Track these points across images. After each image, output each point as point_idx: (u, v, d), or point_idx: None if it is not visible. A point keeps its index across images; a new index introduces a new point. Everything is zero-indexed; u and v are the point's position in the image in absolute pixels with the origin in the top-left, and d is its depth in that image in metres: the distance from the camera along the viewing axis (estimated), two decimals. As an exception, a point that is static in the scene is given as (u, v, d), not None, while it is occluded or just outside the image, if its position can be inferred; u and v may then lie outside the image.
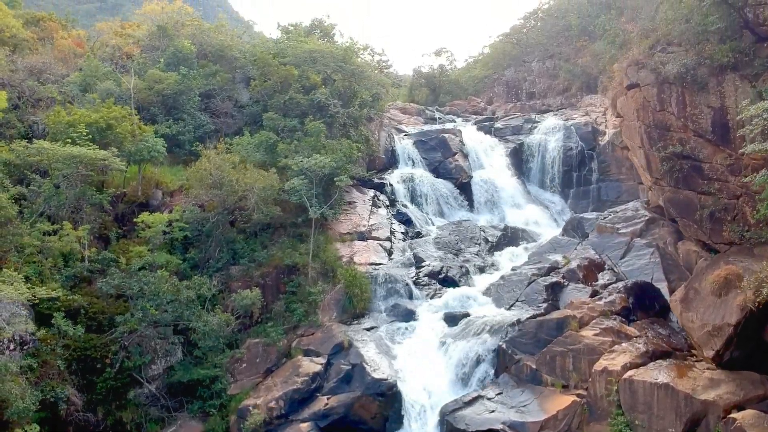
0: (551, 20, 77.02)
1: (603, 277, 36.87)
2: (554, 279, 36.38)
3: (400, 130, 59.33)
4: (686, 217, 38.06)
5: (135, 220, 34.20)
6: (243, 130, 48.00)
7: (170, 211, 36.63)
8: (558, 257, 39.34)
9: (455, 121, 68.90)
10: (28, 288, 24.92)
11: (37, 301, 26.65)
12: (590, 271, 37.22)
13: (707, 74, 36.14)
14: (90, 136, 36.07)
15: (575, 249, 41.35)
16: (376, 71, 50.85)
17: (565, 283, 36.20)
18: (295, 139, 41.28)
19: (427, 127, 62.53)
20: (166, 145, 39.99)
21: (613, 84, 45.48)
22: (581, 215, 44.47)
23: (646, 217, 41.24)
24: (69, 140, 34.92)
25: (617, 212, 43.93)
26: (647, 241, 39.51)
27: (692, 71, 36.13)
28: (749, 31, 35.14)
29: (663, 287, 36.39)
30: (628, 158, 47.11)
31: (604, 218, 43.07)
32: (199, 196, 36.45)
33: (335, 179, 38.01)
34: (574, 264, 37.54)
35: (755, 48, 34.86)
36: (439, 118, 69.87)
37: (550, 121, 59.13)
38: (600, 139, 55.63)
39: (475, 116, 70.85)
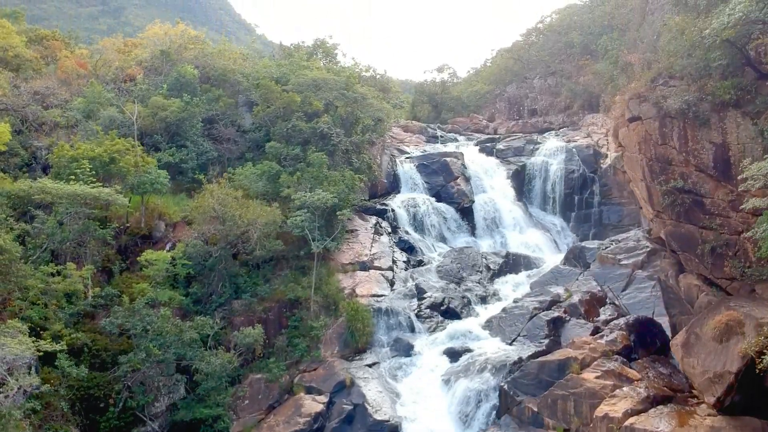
0: (553, 36, 77.15)
1: (605, 312, 36.96)
2: (556, 314, 36.47)
3: (402, 151, 59.48)
4: (688, 251, 38.19)
5: (138, 259, 34.30)
6: (246, 155, 48.29)
7: (173, 245, 36.78)
8: (560, 290, 39.43)
9: (457, 140, 69.14)
10: (33, 342, 25.02)
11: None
12: (592, 305, 37.30)
13: (709, 110, 36.28)
14: (93, 171, 36.21)
15: (577, 279, 41.46)
16: (378, 98, 50.63)
17: (567, 318, 36.30)
18: (297, 170, 41.39)
19: (429, 147, 62.78)
20: (168, 176, 40.10)
21: (615, 113, 45.58)
22: (583, 244, 44.53)
23: (648, 249, 41.32)
24: (72, 176, 35.05)
25: (619, 241, 44.03)
26: (649, 274, 39.59)
27: (694, 107, 36.27)
28: (751, 68, 35.24)
29: (664, 322, 36.49)
30: (629, 182, 47.24)
31: (606, 248, 43.16)
32: (202, 231, 36.50)
33: (338, 213, 38.12)
34: (575, 298, 37.62)
35: (757, 85, 34.95)
36: (441, 137, 70.08)
37: (552, 142, 59.23)
38: (602, 162, 55.71)
39: (477, 134, 71.13)
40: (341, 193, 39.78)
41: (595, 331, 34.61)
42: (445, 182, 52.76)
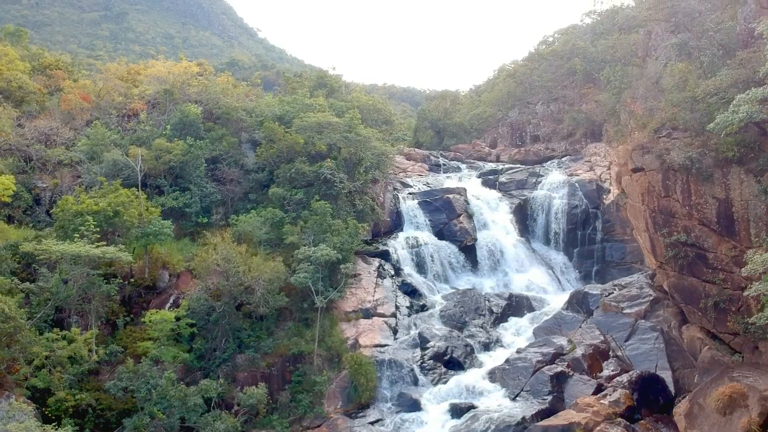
0: (556, 61, 77.06)
1: (608, 367, 37.02)
2: (559, 368, 36.50)
3: (404, 184, 59.52)
4: (691, 304, 38.25)
5: (143, 320, 34.39)
6: (249, 195, 48.40)
7: (177, 302, 36.92)
8: (563, 340, 39.45)
9: (460, 169, 69.24)
10: (39, 427, 25.14)
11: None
12: (595, 359, 37.34)
13: (712, 165, 36.32)
14: (97, 226, 36.30)
15: (580, 327, 41.52)
16: (380, 138, 50.72)
17: (570, 373, 36.32)
18: (301, 218, 41.48)
19: (432, 179, 62.83)
20: (172, 224, 40.18)
21: (618, 160, 45.60)
22: (586, 290, 44.52)
23: (651, 297, 41.36)
24: (77, 233, 35.16)
25: (622, 287, 44.09)
26: (652, 324, 39.63)
27: (697, 164, 36.30)
28: (755, 125, 35.22)
29: (667, 376, 36.52)
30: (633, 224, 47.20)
31: (609, 294, 43.20)
32: (206, 284, 36.61)
33: (341, 266, 38.22)
34: (579, 352, 37.66)
35: (761, 143, 34.96)
36: (444, 165, 70.20)
37: (555, 176, 59.25)
38: (605, 197, 55.68)
39: (479, 162, 71.17)
40: (345, 243, 39.84)
41: (599, 389, 34.66)
42: (447, 220, 52.80)
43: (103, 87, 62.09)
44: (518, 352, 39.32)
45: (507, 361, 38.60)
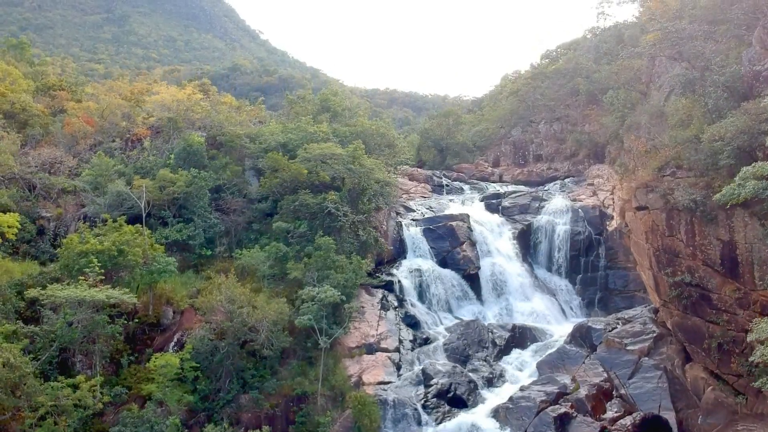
0: (559, 80, 76.99)
1: (611, 408, 36.99)
2: (563, 409, 36.47)
3: (407, 209, 59.60)
4: (694, 344, 38.24)
5: (148, 365, 34.47)
6: (253, 225, 48.49)
7: (181, 344, 37.01)
8: (566, 378, 39.45)
9: (462, 189, 69.40)
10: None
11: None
12: (599, 400, 37.32)
13: (716, 207, 36.20)
14: (102, 266, 36.37)
15: (583, 363, 41.49)
16: (382, 170, 50.82)
17: (574, 415, 36.30)
18: (305, 254, 41.55)
19: (434, 202, 63.00)
20: (176, 263, 40.25)
21: (621, 194, 45.61)
22: (589, 324, 44.44)
23: (654, 334, 41.32)
24: (81, 276, 35.25)
25: (626, 320, 44.07)
26: (655, 362, 39.60)
27: (701, 206, 36.29)
28: (759, 167, 35.22)
29: (671, 417, 36.50)
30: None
31: (612, 329, 43.18)
32: (210, 323, 36.70)
33: (345, 306, 38.29)
34: (582, 392, 37.64)
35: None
36: (447, 185, 70.31)
37: (558, 201, 59.25)
38: (608, 224, 55.67)
39: (482, 182, 71.28)
40: (348, 280, 39.93)
41: (602, 432, 34.66)
42: (451, 248, 52.82)
43: (106, 107, 62.24)
44: (522, 389, 39.30)
45: (510, 399, 38.58)
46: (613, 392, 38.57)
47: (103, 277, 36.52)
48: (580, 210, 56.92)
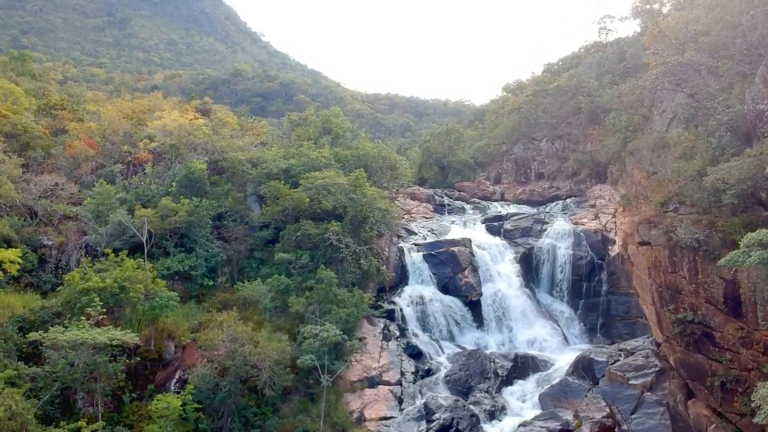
0: (561, 97, 76.93)
1: (614, 447, 36.95)
2: (565, 448, 36.47)
3: (409, 231, 59.59)
4: (697, 381, 38.13)
5: (149, 408, 34.43)
6: (254, 253, 48.46)
7: (182, 380, 36.93)
8: (569, 414, 39.37)
9: (464, 209, 69.38)
10: None
11: None
12: (601, 438, 37.29)
13: (719, 245, 36.17)
14: (104, 304, 36.35)
15: (586, 397, 41.43)
16: (384, 198, 50.81)
17: (576, 453, 36.30)
18: (307, 287, 41.55)
19: (436, 224, 62.95)
20: (178, 297, 40.21)
21: (624, 228, 45.52)
22: (591, 356, 44.35)
23: (657, 368, 41.23)
24: (83, 316, 35.24)
25: (628, 352, 44.06)
26: (658, 398, 39.51)
27: (704, 245, 36.20)
28: (762, 207, 35.18)
29: (673, 456, 36.49)
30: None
31: (615, 362, 43.12)
32: (212, 362, 36.66)
33: (347, 343, 38.27)
34: (585, 430, 37.56)
35: (767, 224, 34.85)
36: (448, 205, 70.25)
37: (560, 224, 59.13)
38: (610, 249, 55.59)
39: (484, 202, 71.19)
40: (351, 314, 39.91)
41: (605, 474, 34.59)
42: (452, 274, 52.75)
43: (108, 126, 62.19)
44: (524, 425, 39.25)
45: (512, 435, 38.60)
46: (616, 429, 38.50)
47: (105, 315, 36.51)
48: (582, 234, 56.79)
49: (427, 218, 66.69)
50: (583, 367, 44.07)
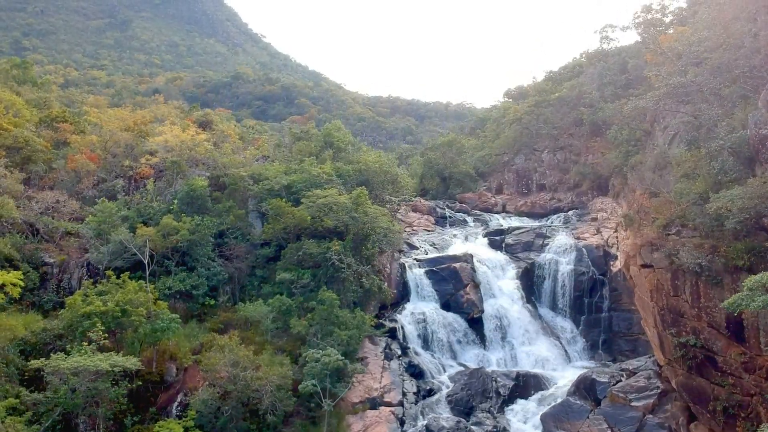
0: (563, 108, 76.85)
1: (616, 472, 36.89)
2: (567, 473, 36.43)
3: (410, 245, 59.56)
4: (699, 404, 38.03)
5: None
6: (256, 272, 48.44)
7: (184, 404, 36.92)
8: (571, 438, 39.38)
9: (466, 222, 69.34)
10: None
11: None
12: (603, 463, 37.23)
13: (722, 270, 36.10)
14: (105, 328, 36.37)
15: (587, 418, 41.37)
16: (387, 216, 50.78)
17: (578, 478, 36.26)
18: (308, 308, 41.53)
19: (437, 237, 62.97)
20: (179, 317, 40.19)
21: (626, 249, 45.42)
22: (593, 376, 44.20)
23: (659, 390, 41.15)
24: (85, 341, 35.25)
25: (630, 373, 43.95)
26: (660, 421, 39.45)
27: (707, 270, 36.13)
28: (765, 232, 35.07)
29: (676, 480, 36.45)
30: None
31: (617, 383, 43.05)
32: (213, 388, 36.65)
33: (349, 367, 38.24)
34: (587, 456, 37.57)
35: (772, 251, 34.79)
36: (450, 217, 70.19)
37: (562, 239, 59.08)
38: (612, 264, 55.53)
39: (486, 214, 71.13)
40: (352, 336, 39.88)
41: (607, 501, 34.54)
42: (454, 290, 52.70)
43: (110, 139, 62.19)
44: (525, 448, 39.28)
45: (514, 459, 38.56)
46: (618, 455, 38.47)
47: (107, 337, 36.53)
48: (584, 249, 56.74)
49: (429, 231, 66.67)
50: (585, 388, 43.99)
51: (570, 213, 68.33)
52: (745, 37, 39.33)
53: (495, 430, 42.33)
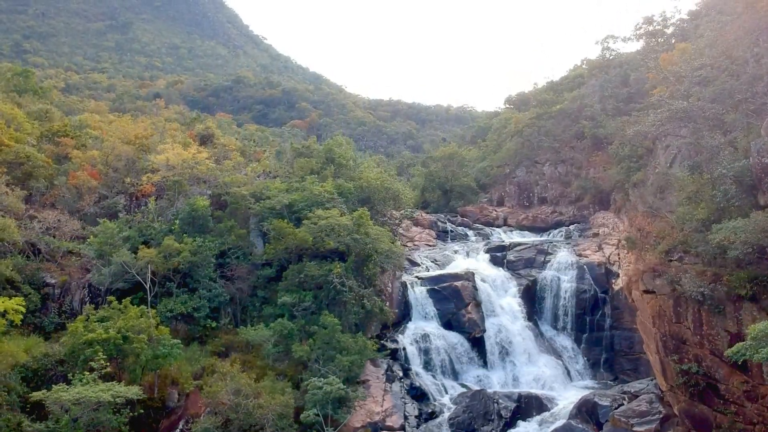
0: (564, 120, 76.76)
1: (618, 501, 36.86)
2: (569, 501, 36.39)
3: (412, 262, 59.50)
4: (702, 432, 38.08)
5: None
6: (258, 292, 48.41)
7: (187, 429, 36.88)
8: (573, 465, 39.33)
9: (467, 236, 69.29)
10: None
11: None
12: (605, 490, 37.20)
13: (725, 298, 36.11)
14: (107, 355, 36.33)
15: (589, 443, 41.41)
16: (389, 238, 50.75)
17: (580, 506, 36.22)
18: (310, 333, 41.52)
19: (439, 254, 62.84)
20: (181, 344, 40.16)
21: (629, 271, 45.36)
22: (595, 399, 44.18)
23: (661, 415, 41.11)
24: (87, 370, 35.21)
25: (632, 396, 44.01)
26: (662, 447, 39.48)
27: (709, 299, 36.10)
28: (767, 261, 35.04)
29: (678, 508, 36.42)
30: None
31: (618, 406, 43.02)
32: (215, 418, 36.62)
33: (351, 393, 38.22)
34: (589, 484, 37.54)
35: (774, 280, 34.74)
36: (451, 231, 70.14)
37: (563, 256, 58.99)
38: (613, 282, 55.44)
39: (487, 228, 71.09)
40: (354, 362, 39.85)
41: None
42: (456, 309, 52.65)
43: (111, 153, 62.14)
44: (527, 475, 39.23)
45: (516, 487, 38.52)
46: (620, 483, 38.43)
47: (108, 364, 36.50)
48: (585, 267, 56.69)
49: (431, 246, 66.68)
50: (587, 410, 43.95)
51: (571, 227, 68.29)
52: (747, 62, 39.27)
53: (497, 455, 42.34)
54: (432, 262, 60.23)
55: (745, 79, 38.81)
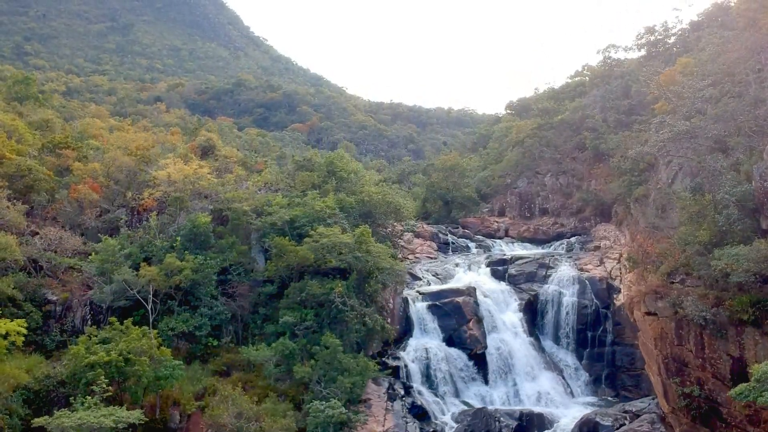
0: (565, 131, 76.71)
1: None
2: None
3: (413, 276, 59.46)
4: (704, 456, 38.03)
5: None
6: (259, 310, 48.40)
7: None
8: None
9: (469, 248, 69.24)
10: None
11: None
12: None
13: (727, 323, 36.08)
14: (109, 378, 36.34)
15: (591, 464, 41.39)
16: (390, 255, 50.71)
17: None
18: (311, 353, 41.52)
19: (440, 267, 62.78)
20: (183, 364, 40.17)
21: (630, 291, 45.31)
22: (596, 419, 44.11)
23: (662, 437, 41.16)
24: (88, 394, 35.23)
25: (634, 415, 44.05)
26: (663, 469, 39.47)
27: (712, 323, 36.06)
28: (769, 289, 34.98)
29: None
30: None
31: (620, 426, 42.99)
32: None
33: (352, 417, 38.23)
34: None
35: (776, 305, 34.70)
36: (453, 243, 70.12)
37: (565, 270, 58.93)
38: (615, 298, 55.32)
39: (488, 240, 71.06)
40: (356, 383, 39.83)
41: None
42: (457, 326, 52.65)
43: (112, 165, 62.14)
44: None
45: None
46: (622, 506, 38.42)
47: (110, 387, 36.53)
48: (587, 282, 56.64)
49: (432, 258, 66.67)
50: (588, 430, 43.92)
51: (573, 239, 68.26)
52: (750, 84, 39.22)
53: (499, 475, 42.32)
54: (433, 275, 60.20)
55: (748, 101, 38.75)
